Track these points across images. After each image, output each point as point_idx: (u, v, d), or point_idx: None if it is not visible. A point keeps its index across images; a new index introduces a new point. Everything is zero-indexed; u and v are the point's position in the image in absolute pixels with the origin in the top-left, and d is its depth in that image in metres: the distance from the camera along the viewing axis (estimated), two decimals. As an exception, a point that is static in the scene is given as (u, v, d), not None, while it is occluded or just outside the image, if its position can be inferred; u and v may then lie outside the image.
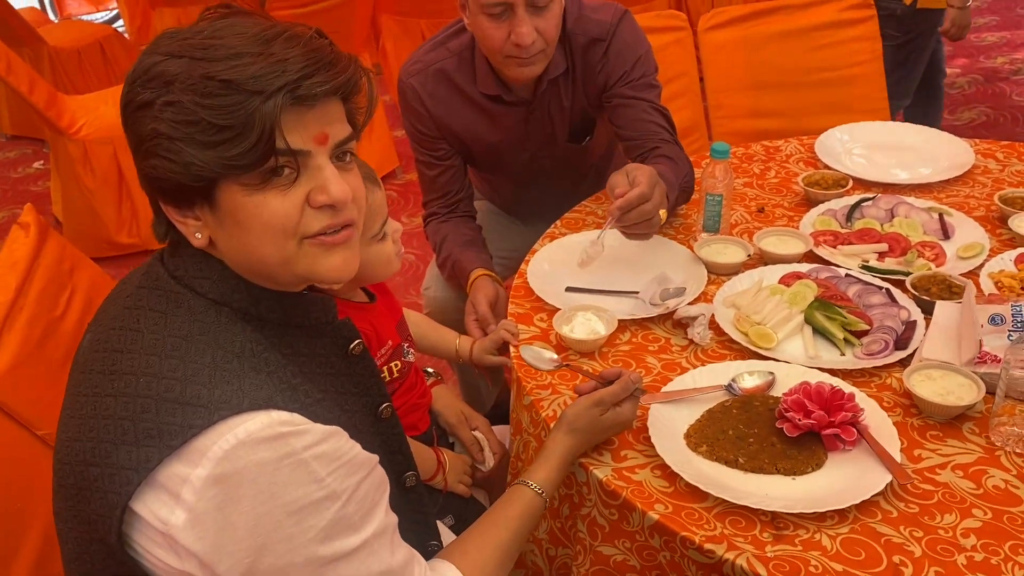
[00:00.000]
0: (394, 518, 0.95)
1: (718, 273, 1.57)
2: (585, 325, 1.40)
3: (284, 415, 0.83)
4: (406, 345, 1.43)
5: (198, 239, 0.89)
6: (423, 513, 1.15)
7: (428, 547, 1.14)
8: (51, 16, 6.49)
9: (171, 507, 0.80)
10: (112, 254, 3.47)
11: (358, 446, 0.89)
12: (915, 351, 1.31)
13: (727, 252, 1.60)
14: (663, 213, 1.46)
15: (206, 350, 0.86)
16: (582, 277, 1.58)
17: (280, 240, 0.88)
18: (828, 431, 1.14)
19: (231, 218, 0.87)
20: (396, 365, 1.38)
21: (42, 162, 4.65)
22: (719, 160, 1.59)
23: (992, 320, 1.29)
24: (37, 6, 6.25)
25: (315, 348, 0.97)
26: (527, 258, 1.64)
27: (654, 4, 4.15)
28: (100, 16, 6.95)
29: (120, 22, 6.39)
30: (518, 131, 1.79)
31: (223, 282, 0.91)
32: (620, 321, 1.45)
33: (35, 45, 4.54)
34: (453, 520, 1.39)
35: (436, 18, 4.34)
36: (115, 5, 6.63)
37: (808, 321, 1.39)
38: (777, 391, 1.26)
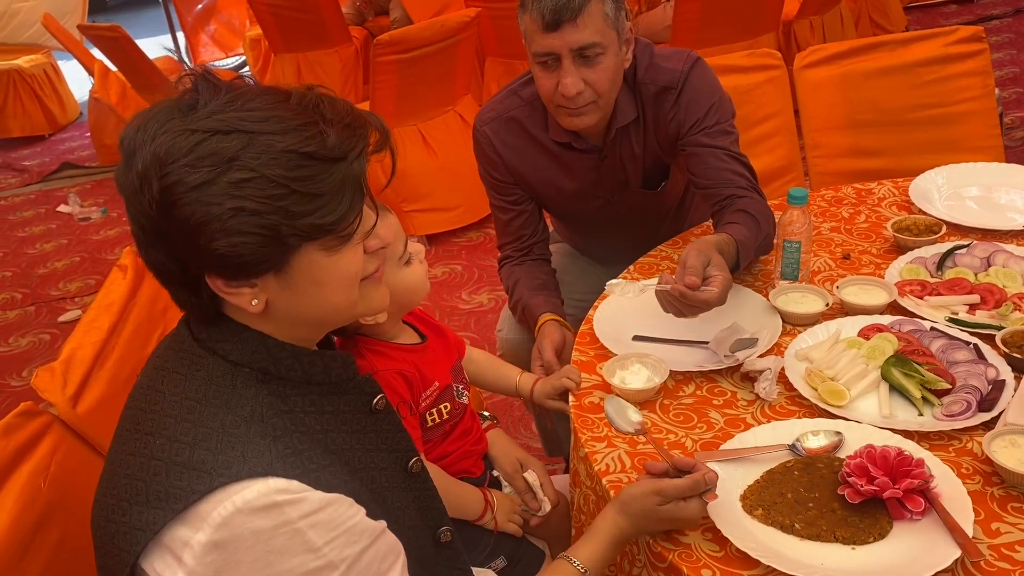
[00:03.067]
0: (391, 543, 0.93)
1: (794, 323, 1.51)
2: (636, 375, 1.37)
3: (282, 483, 0.84)
4: (459, 386, 1.43)
5: (255, 305, 0.91)
6: (460, 569, 1.14)
7: None
8: (186, 64, 6.94)
9: (174, 569, 0.84)
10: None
11: (362, 512, 0.90)
12: (1001, 414, 1.22)
13: (805, 301, 1.54)
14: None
15: (217, 414, 0.89)
16: (651, 326, 1.55)
17: (352, 288, 0.96)
18: (892, 498, 1.08)
19: (307, 279, 0.91)
20: (446, 407, 1.38)
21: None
22: (796, 206, 1.54)
23: (1089, 383, 1.19)
24: (173, 56, 6.69)
25: (338, 405, 1.00)
26: (596, 303, 1.63)
27: (759, 42, 4.08)
28: (229, 62, 7.38)
29: (247, 68, 6.77)
30: (589, 178, 1.79)
31: (243, 343, 0.94)
32: (686, 373, 1.42)
33: (168, 92, 4.83)
34: (505, 562, 1.38)
35: (538, 59, 4.41)
36: (242, 50, 7.03)
37: (884, 378, 1.32)
38: (844, 452, 1.20)
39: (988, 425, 1.21)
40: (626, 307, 1.61)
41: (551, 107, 1.66)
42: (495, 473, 1.50)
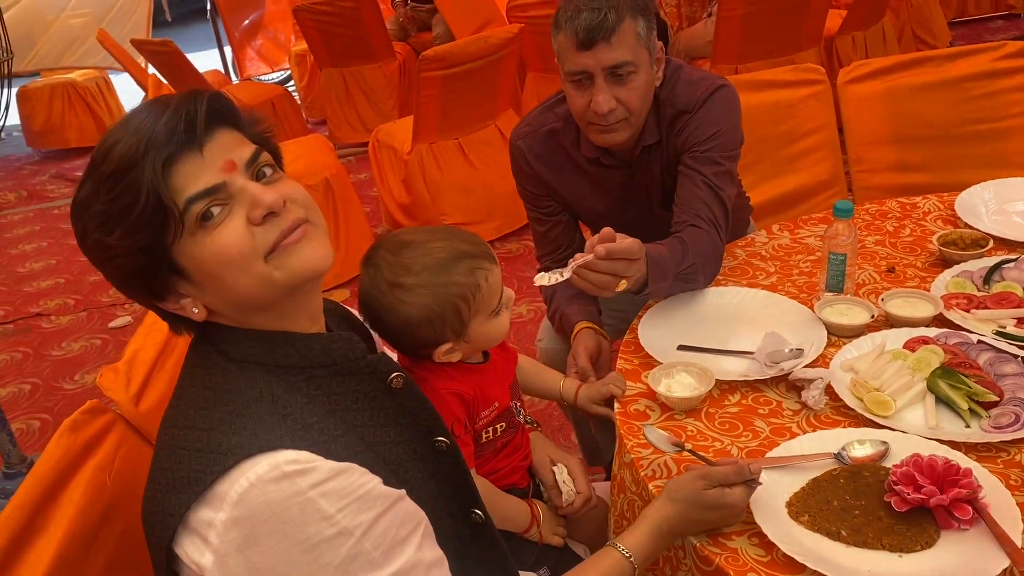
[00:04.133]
0: (434, 554, 0.95)
1: (839, 335, 1.52)
2: (682, 383, 1.39)
3: (291, 454, 0.88)
4: (517, 404, 1.46)
5: (196, 313, 0.96)
6: (499, 553, 1.16)
7: None
8: (232, 77, 7.09)
9: (201, 550, 0.88)
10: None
11: (376, 480, 0.92)
12: (1050, 426, 1.22)
13: (850, 313, 1.55)
14: (623, 284, 1.41)
15: (229, 399, 0.94)
16: (696, 336, 1.57)
17: (248, 265, 0.93)
18: (939, 506, 1.08)
19: (201, 273, 0.94)
20: (502, 426, 1.40)
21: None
22: (842, 219, 1.55)
23: None
24: (221, 69, 6.84)
25: (349, 385, 1.02)
26: (640, 313, 1.65)
27: (801, 57, 4.08)
28: (274, 76, 7.53)
29: (292, 82, 6.90)
30: (619, 193, 1.82)
31: (237, 343, 0.99)
32: (732, 383, 1.43)
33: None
34: (548, 572, 1.40)
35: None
36: (288, 65, 7.17)
37: (931, 389, 1.33)
38: (890, 462, 1.20)
39: (1036, 438, 1.21)
40: (671, 317, 1.63)
41: (583, 124, 1.69)
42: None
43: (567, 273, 1.37)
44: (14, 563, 1.05)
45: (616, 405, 1.43)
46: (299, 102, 6.24)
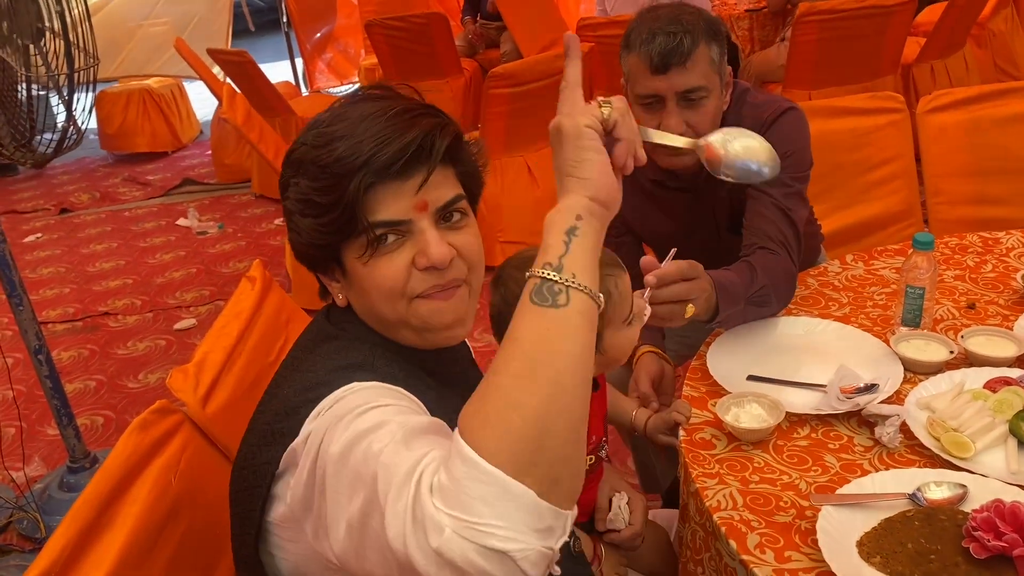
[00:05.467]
0: (440, 429, 0.88)
1: (916, 371, 1.47)
2: (751, 414, 1.36)
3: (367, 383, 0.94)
4: (604, 440, 1.44)
5: (340, 299, 1.05)
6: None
7: None
8: (302, 90, 7.23)
9: (294, 474, 0.92)
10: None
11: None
12: None
13: (928, 349, 1.50)
14: (690, 309, 1.38)
15: (332, 360, 0.98)
16: (766, 366, 1.53)
17: (393, 300, 0.99)
18: (1021, 556, 1.03)
19: (355, 282, 1.01)
20: (591, 459, 1.39)
21: (281, 219, 5.14)
22: (922, 251, 1.51)
23: None
24: (292, 80, 6.98)
25: (448, 394, 1.04)
26: (708, 340, 1.62)
27: (877, 84, 4.00)
28: (344, 89, 7.66)
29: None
30: (684, 218, 1.80)
31: (364, 326, 1.05)
32: (802, 415, 1.40)
33: (286, 115, 5.08)
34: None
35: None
36: (357, 78, 7.29)
37: (1013, 433, 1.28)
38: (968, 507, 1.15)
39: None
40: (740, 345, 1.60)
41: (649, 146, 1.67)
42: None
43: (643, 304, 1.35)
44: (81, 556, 1.07)
45: (681, 432, 1.41)
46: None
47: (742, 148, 1.03)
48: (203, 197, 5.82)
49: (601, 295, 0.82)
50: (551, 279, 0.79)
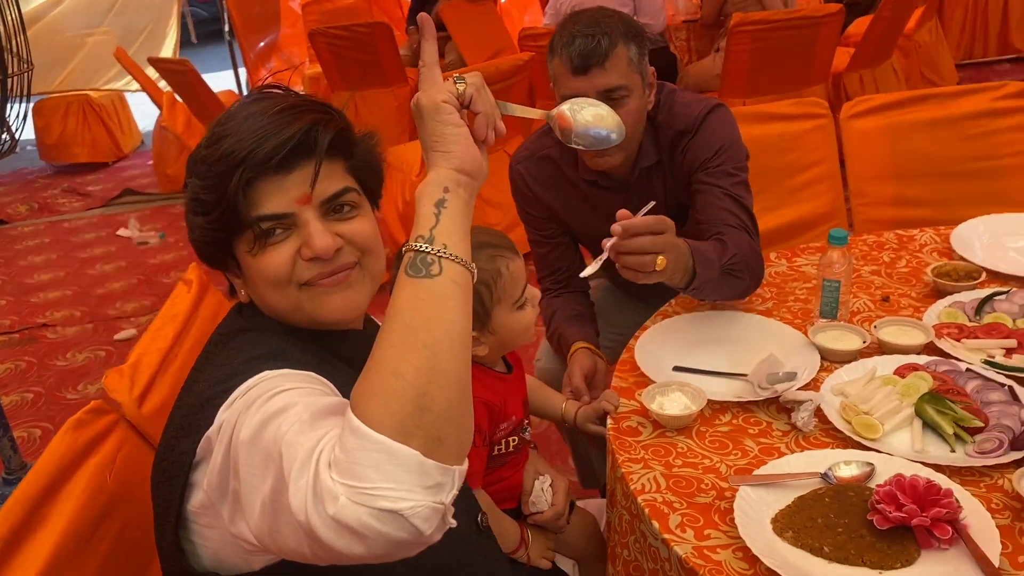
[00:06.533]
0: (345, 408, 0.86)
1: (832, 360, 1.55)
2: (674, 402, 1.42)
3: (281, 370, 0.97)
4: (526, 422, 1.48)
5: (242, 295, 1.09)
6: (498, 558, 1.19)
7: None
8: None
9: (213, 454, 0.94)
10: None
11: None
12: (1033, 453, 1.24)
13: (843, 339, 1.58)
14: (661, 260, 1.38)
15: (245, 354, 1.00)
16: (691, 358, 1.59)
17: (281, 288, 1.03)
18: (920, 526, 1.10)
19: (248, 276, 1.04)
20: (514, 440, 1.43)
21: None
22: (836, 246, 1.58)
23: (1122, 426, 1.21)
24: (235, 90, 6.94)
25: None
26: (636, 334, 1.68)
27: (808, 93, 4.13)
28: (288, 98, 7.62)
29: (305, 104, 6.96)
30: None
31: (271, 319, 1.07)
32: (724, 403, 1.46)
33: (228, 124, 5.04)
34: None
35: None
36: (302, 87, 7.26)
37: (918, 414, 1.35)
38: (875, 483, 1.22)
39: (1020, 463, 1.23)
40: (668, 338, 1.66)
41: (581, 150, 1.72)
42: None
43: (604, 256, 1.38)
44: (13, 555, 1.08)
45: (609, 421, 1.46)
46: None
47: (592, 116, 1.09)
48: (144, 207, 5.76)
49: (473, 264, 0.87)
50: (423, 251, 0.84)
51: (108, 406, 1.34)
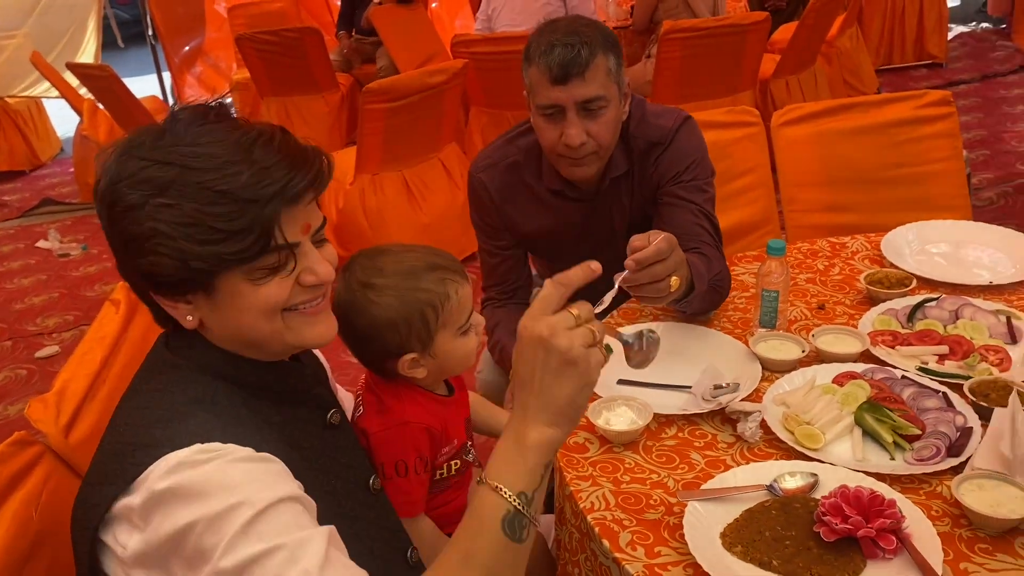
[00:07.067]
0: (320, 558, 0.89)
1: (772, 370, 1.56)
2: (621, 417, 1.42)
3: (216, 444, 0.91)
4: (469, 443, 1.46)
5: (189, 321, 1.01)
6: None
7: None
8: (170, 103, 7.00)
9: (128, 533, 0.91)
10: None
11: (287, 473, 0.95)
12: (969, 459, 1.28)
13: (783, 349, 1.60)
14: (675, 281, 1.39)
15: (170, 399, 0.97)
16: (635, 371, 1.59)
17: (270, 317, 1.01)
18: (865, 537, 1.12)
19: (230, 302, 0.99)
20: (456, 464, 1.41)
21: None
22: (775, 257, 1.61)
23: (1051, 430, 1.25)
24: (159, 95, 6.75)
25: (296, 415, 1.05)
26: (581, 348, 1.67)
27: (737, 99, 4.21)
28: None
29: (233, 110, 6.83)
30: (580, 226, 1.85)
31: (206, 353, 1.03)
32: (669, 416, 1.46)
33: (154, 130, 4.90)
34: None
35: (521, 110, 4.50)
36: (229, 92, 7.11)
37: (858, 423, 1.38)
38: (820, 493, 1.24)
39: (956, 470, 1.26)
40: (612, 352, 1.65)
41: (552, 156, 1.71)
42: None
43: (615, 290, 1.31)
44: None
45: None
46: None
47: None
48: (65, 217, 5.54)
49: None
50: (523, 512, 0.87)
51: (32, 437, 1.28)
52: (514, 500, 0.85)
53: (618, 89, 1.68)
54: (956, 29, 7.37)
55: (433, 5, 7.05)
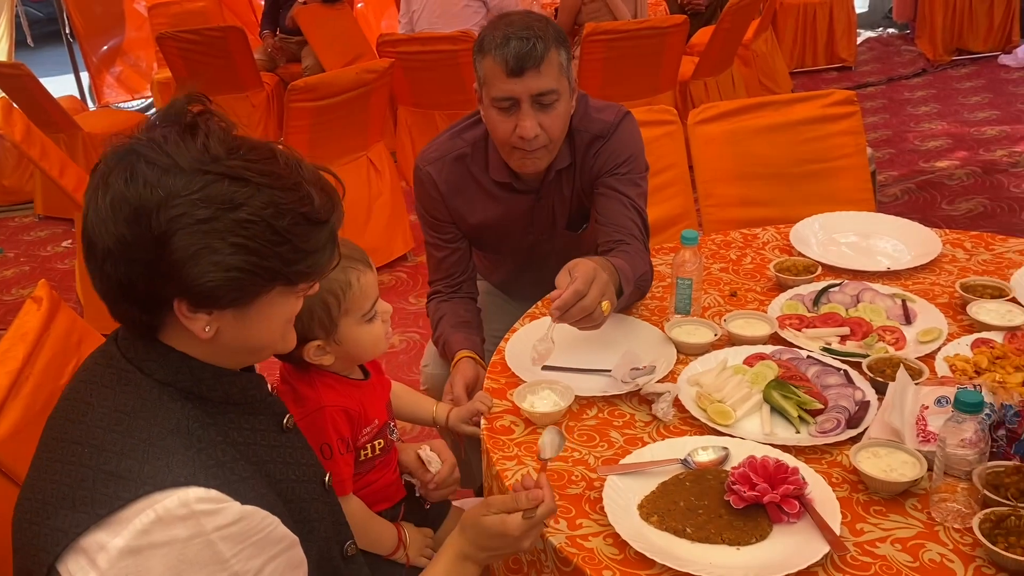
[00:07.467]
0: None
1: (687, 353, 1.65)
2: (544, 400, 1.48)
3: (201, 492, 0.90)
4: (392, 423, 1.50)
5: (207, 331, 0.97)
6: None
7: None
8: (89, 104, 6.82)
9: (87, 571, 0.88)
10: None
11: (277, 522, 0.97)
12: (866, 430, 1.37)
13: (696, 333, 1.68)
14: (606, 305, 1.47)
15: (144, 426, 0.94)
16: (557, 356, 1.65)
17: (288, 327, 1.07)
18: (771, 502, 1.20)
19: (262, 315, 1.00)
20: (380, 443, 1.45)
21: (70, 241, 4.85)
22: (688, 246, 1.69)
23: (938, 402, 1.35)
24: (77, 95, 6.57)
25: (255, 424, 1.06)
26: (507, 336, 1.73)
27: (658, 99, 4.33)
28: (135, 104, 7.29)
29: (153, 110, 6.69)
30: (525, 218, 1.90)
31: (169, 364, 0.99)
32: (590, 398, 1.52)
33: (71, 131, 4.80)
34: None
35: (449, 109, 4.56)
36: (150, 93, 6.96)
37: (766, 400, 1.46)
38: (730, 466, 1.32)
39: (855, 440, 1.36)
40: (536, 339, 1.71)
41: (505, 149, 1.76)
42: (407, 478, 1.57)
43: (554, 325, 1.49)
44: None
45: (483, 421, 1.50)
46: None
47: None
48: (-22, 221, 5.37)
49: None
50: None
51: (-45, 435, 1.27)
52: None
53: (568, 84, 1.74)
54: (864, 34, 7.70)
55: (359, 5, 7.03)
